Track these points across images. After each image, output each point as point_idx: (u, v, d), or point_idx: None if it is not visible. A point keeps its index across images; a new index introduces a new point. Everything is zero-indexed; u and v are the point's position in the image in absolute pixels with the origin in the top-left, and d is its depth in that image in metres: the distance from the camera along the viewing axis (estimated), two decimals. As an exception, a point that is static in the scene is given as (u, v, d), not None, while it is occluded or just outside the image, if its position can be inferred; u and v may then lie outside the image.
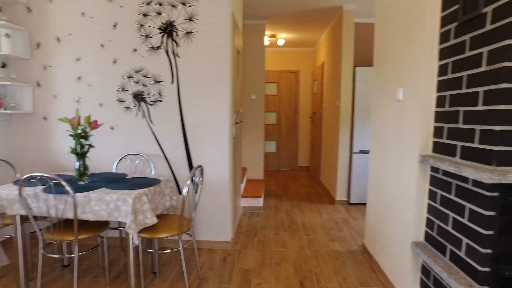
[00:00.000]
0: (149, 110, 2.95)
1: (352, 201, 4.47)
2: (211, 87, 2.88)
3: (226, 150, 2.94)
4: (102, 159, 3.02)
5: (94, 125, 2.31)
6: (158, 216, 2.46)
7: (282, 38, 5.99)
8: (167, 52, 2.88)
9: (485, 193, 1.47)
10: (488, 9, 1.48)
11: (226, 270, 2.65)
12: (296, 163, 7.17)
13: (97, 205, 2.06)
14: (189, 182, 2.19)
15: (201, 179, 2.44)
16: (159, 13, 2.84)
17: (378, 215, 2.66)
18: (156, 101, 2.93)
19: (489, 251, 1.48)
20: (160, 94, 2.92)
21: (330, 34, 5.11)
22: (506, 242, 1.47)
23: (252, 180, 5.13)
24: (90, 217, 2.08)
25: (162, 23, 2.85)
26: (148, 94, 2.93)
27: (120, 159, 2.95)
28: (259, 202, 4.31)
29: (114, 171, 2.91)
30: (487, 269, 1.49)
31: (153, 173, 2.89)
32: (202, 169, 2.45)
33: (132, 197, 2.03)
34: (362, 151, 4.36)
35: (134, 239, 2.08)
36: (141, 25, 2.86)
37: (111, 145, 3.01)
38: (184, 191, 2.18)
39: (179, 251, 2.27)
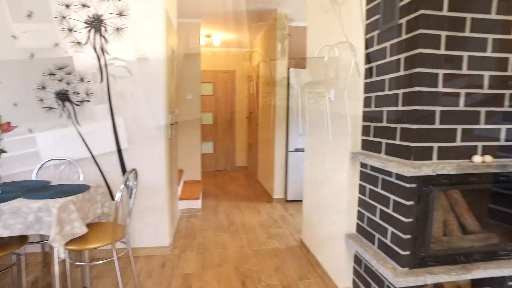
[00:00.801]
0: (76, 110, 2.70)
1: (289, 198, 4.63)
2: (145, 87, 2.74)
3: (161, 152, 2.83)
4: (19, 166, 2.67)
5: (7, 127, 2.04)
6: (89, 225, 2.26)
7: (218, 38, 5.96)
8: (94, 48, 2.66)
9: (406, 185, 1.64)
10: (403, 21, 1.65)
11: (165, 276, 2.55)
12: (233, 163, 7.20)
13: (12, 218, 1.81)
14: (122, 186, 2.06)
15: (135, 183, 2.31)
16: (84, 5, 2.61)
17: (313, 210, 2.80)
18: (83, 101, 2.70)
19: (409, 236, 1.65)
20: (87, 94, 2.69)
21: (265, 36, 5.24)
22: (421, 227, 1.66)
23: (189, 182, 5.01)
24: (1, 233, 1.82)
25: (89, 16, 2.63)
26: (74, 93, 2.68)
27: (42, 165, 2.65)
28: (198, 204, 4.24)
29: (34, 179, 2.60)
30: (407, 253, 1.66)
31: (81, 179, 2.65)
32: (136, 173, 2.32)
33: (57, 207, 1.83)
34: (297, 150, 4.54)
35: (60, 252, 1.88)
36: (63, 17, 2.61)
37: (30, 149, 2.68)
38: (117, 196, 2.04)
39: (113, 261, 2.12)
